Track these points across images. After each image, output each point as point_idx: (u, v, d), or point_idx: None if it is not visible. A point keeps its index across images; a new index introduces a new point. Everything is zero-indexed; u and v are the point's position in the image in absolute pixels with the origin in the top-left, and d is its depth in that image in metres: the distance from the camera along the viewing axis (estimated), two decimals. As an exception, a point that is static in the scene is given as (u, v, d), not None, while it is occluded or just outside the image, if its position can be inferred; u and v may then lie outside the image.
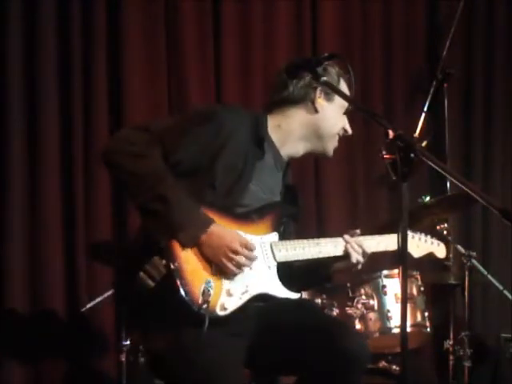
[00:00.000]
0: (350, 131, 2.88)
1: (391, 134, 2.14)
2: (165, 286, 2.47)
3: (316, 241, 2.76)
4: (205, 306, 2.45)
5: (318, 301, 3.75)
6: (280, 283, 2.68)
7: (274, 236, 2.72)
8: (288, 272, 2.73)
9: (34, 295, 3.90)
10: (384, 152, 2.21)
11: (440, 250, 3.11)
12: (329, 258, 2.78)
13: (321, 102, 2.79)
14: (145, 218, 2.57)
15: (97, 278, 3.91)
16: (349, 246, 2.78)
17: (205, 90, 4.31)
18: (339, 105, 2.81)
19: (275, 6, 4.56)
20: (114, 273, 2.65)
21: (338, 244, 2.79)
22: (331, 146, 2.86)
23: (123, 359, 3.61)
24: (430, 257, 3.04)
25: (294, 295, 2.71)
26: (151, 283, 2.47)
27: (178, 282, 2.47)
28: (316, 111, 2.79)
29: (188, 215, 2.52)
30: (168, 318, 2.49)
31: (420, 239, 3.02)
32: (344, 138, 2.85)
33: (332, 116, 2.81)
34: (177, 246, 2.51)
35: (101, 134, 4.05)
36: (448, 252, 3.17)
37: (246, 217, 2.68)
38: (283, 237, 2.77)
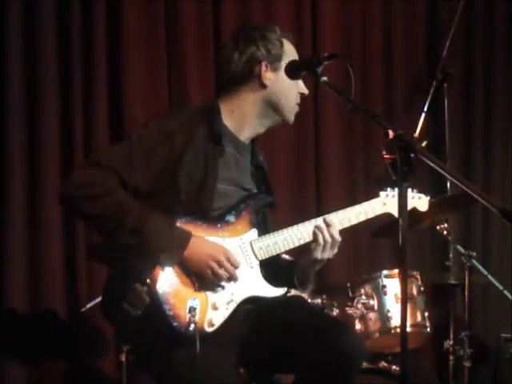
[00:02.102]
0: (306, 92, 2.78)
1: (391, 134, 2.14)
2: (150, 313, 2.45)
3: (295, 227, 2.70)
4: (192, 326, 2.43)
5: (318, 301, 3.75)
6: (264, 282, 2.65)
7: (253, 233, 2.68)
8: (271, 266, 2.70)
9: (34, 295, 3.90)
10: (384, 152, 2.20)
11: (422, 204, 3.00)
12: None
13: (268, 75, 2.71)
14: (124, 252, 2.52)
15: (97, 278, 3.90)
16: (316, 229, 2.67)
17: (205, 90, 4.31)
18: None
19: (275, 6, 4.55)
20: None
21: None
22: (291, 115, 2.79)
23: (123, 359, 3.61)
24: (413, 212, 2.94)
25: (280, 291, 2.68)
26: (136, 313, 2.45)
27: (164, 308, 2.45)
28: (265, 86, 2.71)
29: (164, 237, 2.49)
30: (157, 344, 2.48)
31: None
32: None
33: (284, 86, 2.72)
34: (156, 271, 2.48)
35: (101, 133, 4.04)
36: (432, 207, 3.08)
37: (221, 220, 2.64)
38: (263, 226, 2.74)
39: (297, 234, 2.69)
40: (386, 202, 2.87)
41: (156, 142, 2.58)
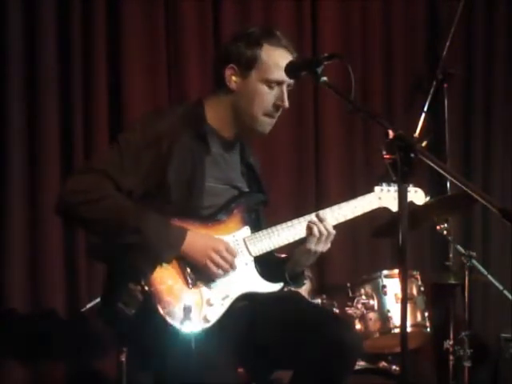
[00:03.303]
0: (284, 105, 2.67)
1: (391, 134, 2.14)
2: (145, 312, 2.46)
3: (289, 223, 2.70)
4: (188, 323, 2.43)
5: (318, 301, 3.75)
6: (260, 278, 2.65)
7: (246, 230, 2.68)
8: (265, 262, 2.70)
9: (34, 295, 3.90)
10: (384, 152, 2.21)
11: (418, 197, 3.00)
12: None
13: (234, 78, 2.65)
14: (118, 251, 2.52)
15: (97, 278, 3.90)
16: (310, 223, 2.67)
17: (205, 90, 4.29)
18: (258, 79, 2.64)
19: (275, 6, 4.55)
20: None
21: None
22: (260, 126, 2.69)
23: (123, 359, 3.61)
24: (412, 209, 2.93)
25: (276, 286, 2.68)
26: (130, 312, 2.45)
27: (158, 306, 2.45)
28: (231, 91, 2.66)
29: (163, 234, 2.50)
30: (153, 343, 2.48)
31: (396, 191, 2.84)
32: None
33: (249, 94, 2.65)
34: (149, 270, 2.49)
35: (101, 133, 4.04)
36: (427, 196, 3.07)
37: (213, 218, 2.64)
38: (257, 225, 2.74)
39: (291, 231, 2.69)
40: (381, 197, 2.88)
41: (144, 145, 2.58)
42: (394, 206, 2.89)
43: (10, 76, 3.88)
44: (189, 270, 2.54)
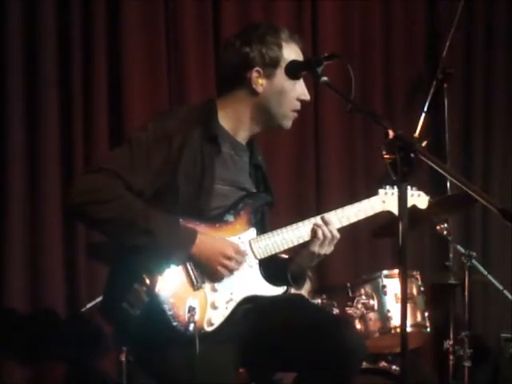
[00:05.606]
0: (307, 98, 2.71)
1: (391, 133, 2.14)
2: (150, 313, 2.45)
3: (294, 226, 2.69)
4: (192, 326, 2.44)
5: (318, 301, 3.75)
6: (264, 281, 2.65)
7: (252, 232, 2.67)
8: (270, 265, 2.69)
9: (34, 295, 3.90)
10: (384, 152, 2.20)
11: (421, 201, 2.97)
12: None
13: (260, 81, 2.64)
14: (130, 253, 2.51)
15: (97, 278, 3.90)
16: (315, 226, 2.67)
17: (205, 90, 4.30)
18: (285, 77, 2.63)
19: (275, 6, 4.56)
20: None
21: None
22: (286, 122, 2.72)
23: (123, 359, 3.61)
24: (413, 211, 2.90)
25: (280, 290, 2.67)
26: (135, 312, 2.45)
27: (163, 308, 2.45)
28: (256, 93, 2.65)
29: (173, 235, 2.49)
30: (157, 343, 2.47)
31: None
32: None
33: (277, 93, 2.66)
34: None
35: (101, 134, 4.04)
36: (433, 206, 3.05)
37: (220, 220, 2.63)
38: (262, 226, 2.73)
39: (295, 233, 2.68)
40: (385, 200, 2.85)
41: (155, 144, 2.56)
42: (396, 210, 2.85)
43: (10, 76, 3.88)
44: (195, 271, 2.54)
